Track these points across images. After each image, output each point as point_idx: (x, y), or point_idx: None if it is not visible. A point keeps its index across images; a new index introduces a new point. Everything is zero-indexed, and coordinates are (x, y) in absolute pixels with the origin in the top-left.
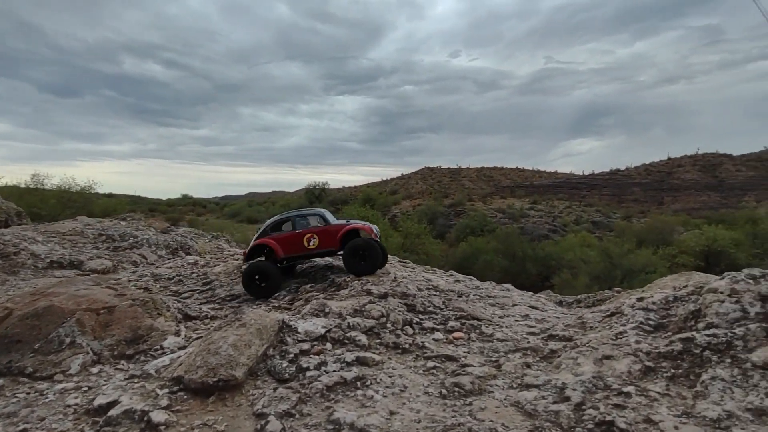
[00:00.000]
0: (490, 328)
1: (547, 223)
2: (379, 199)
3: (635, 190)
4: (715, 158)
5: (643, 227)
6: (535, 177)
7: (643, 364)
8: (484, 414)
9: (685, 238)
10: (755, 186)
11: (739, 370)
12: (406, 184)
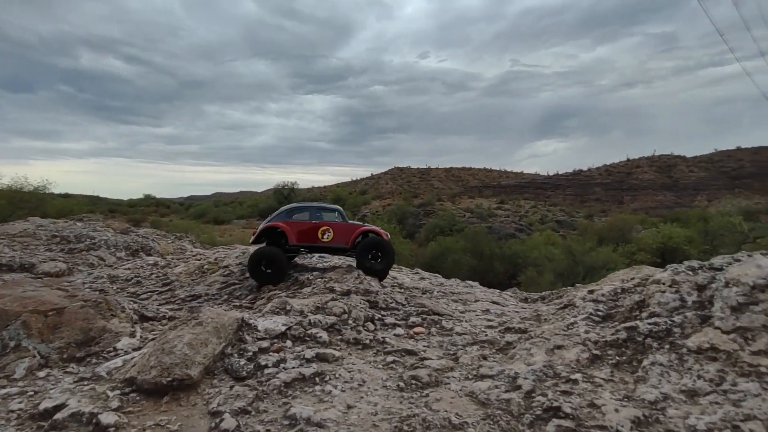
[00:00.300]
0: (450, 323)
1: (513, 223)
2: (349, 199)
3: (597, 190)
4: (670, 160)
5: (604, 226)
6: (502, 177)
7: (591, 352)
8: (440, 405)
9: (643, 236)
10: (706, 186)
11: (676, 355)
12: (376, 184)
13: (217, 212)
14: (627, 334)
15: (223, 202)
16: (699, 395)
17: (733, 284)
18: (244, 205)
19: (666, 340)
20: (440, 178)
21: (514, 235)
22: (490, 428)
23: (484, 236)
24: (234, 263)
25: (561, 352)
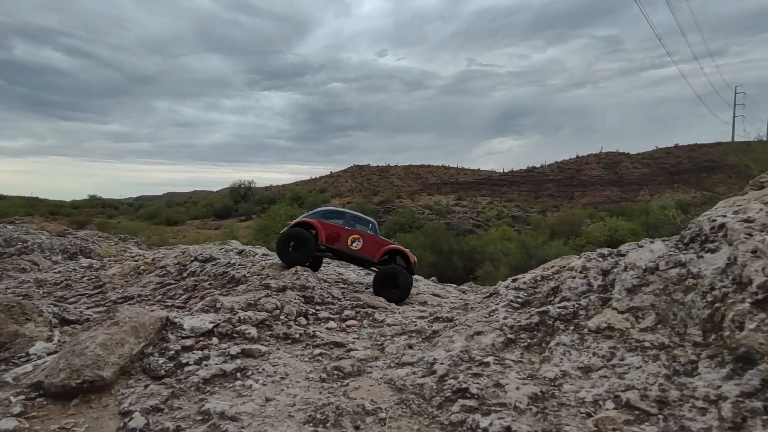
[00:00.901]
0: (383, 315)
1: (471, 219)
2: (309, 198)
3: (549, 186)
4: (615, 156)
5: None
6: (459, 174)
7: (506, 336)
8: (357, 392)
9: (592, 229)
10: (648, 181)
11: (579, 335)
12: (335, 182)
13: (170, 213)
14: (539, 318)
15: (175, 202)
16: (592, 370)
17: (630, 268)
18: (198, 205)
19: (572, 322)
20: (399, 176)
21: (472, 231)
22: (402, 411)
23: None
24: (172, 263)
25: (479, 338)
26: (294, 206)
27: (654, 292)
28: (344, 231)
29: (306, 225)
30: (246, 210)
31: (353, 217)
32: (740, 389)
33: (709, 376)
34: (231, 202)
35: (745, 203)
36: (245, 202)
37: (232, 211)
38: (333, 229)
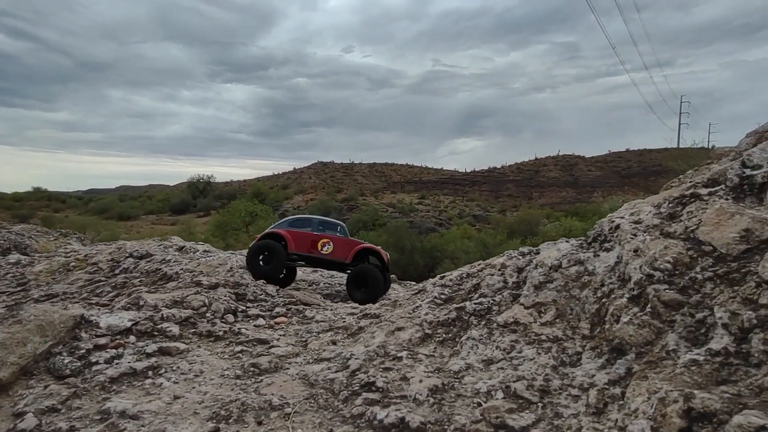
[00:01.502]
0: (314, 312)
1: (433, 217)
2: (270, 194)
3: (509, 187)
4: (572, 159)
5: (515, 220)
6: (423, 173)
7: (424, 332)
8: (269, 389)
9: (548, 228)
10: (602, 183)
11: (488, 329)
12: (298, 178)
13: (123, 207)
14: (456, 314)
15: (129, 196)
16: (493, 363)
17: (539, 266)
18: (153, 199)
19: (485, 317)
20: (364, 174)
21: (434, 230)
22: (310, 406)
23: (405, 231)
24: (105, 260)
25: (399, 333)
26: (255, 203)
27: (556, 289)
28: (313, 237)
29: (274, 236)
30: (205, 205)
31: (321, 222)
32: (608, 377)
33: (588, 366)
34: (189, 197)
35: (641, 206)
36: (204, 198)
37: (190, 207)
38: (302, 236)
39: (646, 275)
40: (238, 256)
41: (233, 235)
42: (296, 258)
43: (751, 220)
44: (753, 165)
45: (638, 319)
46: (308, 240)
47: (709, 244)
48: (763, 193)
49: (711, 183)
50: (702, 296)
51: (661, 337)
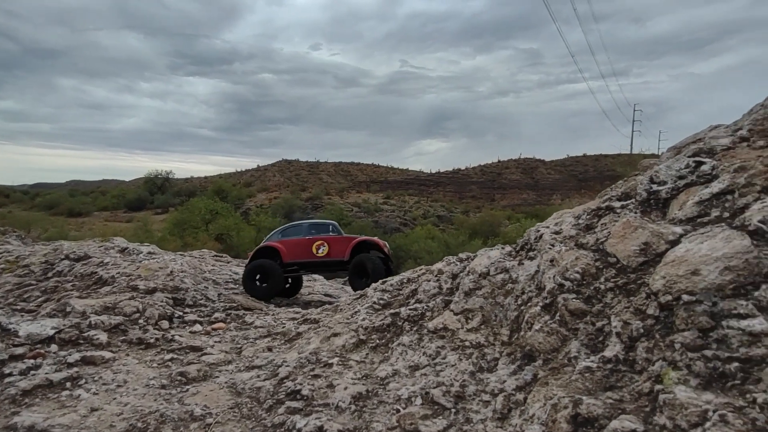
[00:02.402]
0: (254, 317)
1: (398, 217)
2: (233, 192)
3: (473, 188)
4: (532, 162)
5: (477, 221)
6: (389, 173)
7: (358, 337)
8: (193, 398)
9: (509, 229)
10: (560, 186)
11: (419, 335)
12: (262, 176)
13: (73, 203)
14: (391, 320)
15: (80, 191)
16: (419, 369)
17: (471, 272)
18: (107, 195)
19: (417, 323)
20: (329, 172)
21: (399, 229)
22: (233, 416)
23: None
24: (38, 261)
25: (334, 339)
26: (216, 200)
27: (483, 296)
28: (306, 241)
29: (267, 250)
30: (163, 202)
31: (311, 225)
32: (516, 383)
33: (501, 372)
34: (146, 194)
35: (565, 216)
36: (162, 194)
37: (146, 203)
38: (295, 243)
39: (558, 285)
40: (184, 259)
41: (192, 233)
42: (295, 267)
43: (650, 234)
44: (659, 181)
45: (548, 327)
46: (301, 246)
47: (614, 255)
48: (667, 208)
49: (624, 196)
50: (603, 305)
51: (566, 345)
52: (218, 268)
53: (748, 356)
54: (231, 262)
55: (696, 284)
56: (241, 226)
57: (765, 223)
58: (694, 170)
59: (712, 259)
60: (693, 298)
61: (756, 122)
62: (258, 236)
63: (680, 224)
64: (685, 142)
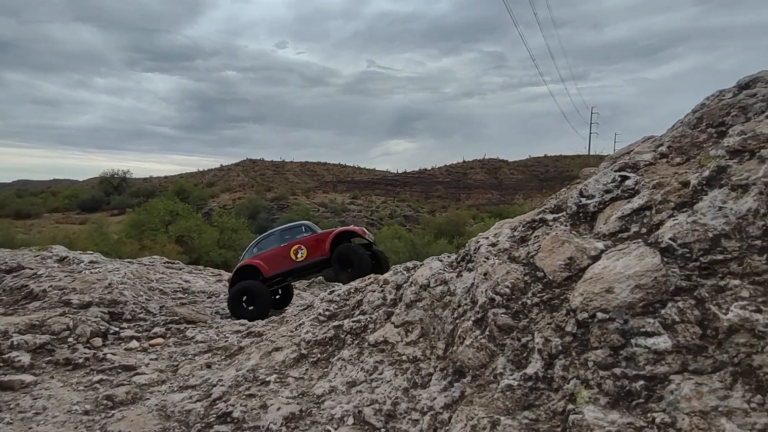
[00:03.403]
0: (196, 331)
1: (365, 217)
2: (195, 192)
3: (439, 188)
4: (496, 163)
5: (443, 221)
6: (355, 173)
7: (300, 352)
8: (118, 424)
9: (474, 229)
10: (523, 186)
11: (359, 349)
12: (225, 176)
13: (21, 204)
14: (334, 332)
15: (29, 191)
16: (356, 385)
17: (413, 283)
18: (59, 196)
19: (360, 336)
20: (295, 172)
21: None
22: None
23: None
24: None
25: (275, 354)
26: (176, 201)
27: (423, 308)
28: (283, 249)
29: (246, 269)
30: (120, 203)
31: (282, 231)
32: (445, 401)
33: (433, 389)
34: (101, 194)
35: (504, 227)
36: (119, 195)
37: (102, 204)
38: (271, 255)
39: (489, 299)
40: (130, 267)
41: (151, 235)
42: (279, 279)
43: (575, 249)
44: (588, 194)
45: (478, 342)
46: (279, 256)
47: (542, 270)
48: (594, 221)
49: (557, 209)
50: (529, 321)
51: (494, 360)
52: (168, 277)
53: (653, 374)
54: (183, 269)
55: (610, 302)
56: (203, 227)
57: (675, 241)
58: (620, 185)
59: (624, 277)
60: (606, 315)
61: (675, 139)
62: (221, 237)
63: (603, 239)
64: (620, 153)
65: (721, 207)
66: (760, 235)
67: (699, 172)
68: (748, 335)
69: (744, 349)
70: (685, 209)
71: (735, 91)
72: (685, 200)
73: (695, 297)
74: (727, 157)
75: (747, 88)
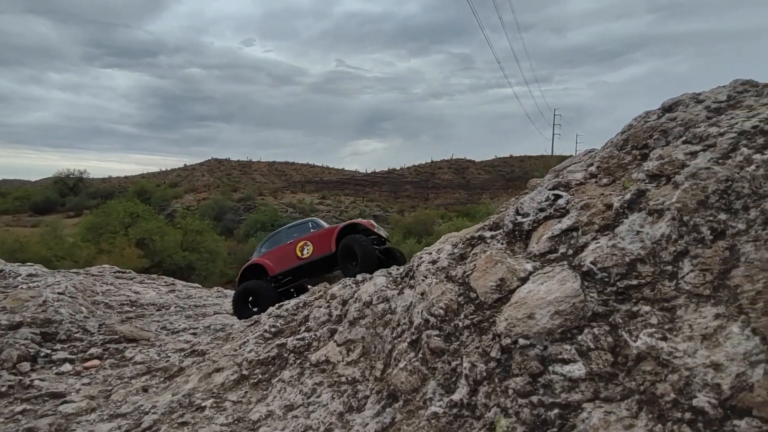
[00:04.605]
0: (137, 351)
1: (334, 217)
2: (157, 192)
3: (408, 188)
4: (464, 163)
5: (412, 220)
6: (324, 173)
7: (241, 372)
8: None
9: (442, 228)
10: (489, 186)
11: (300, 369)
12: (190, 176)
13: None
14: (277, 351)
15: None
16: (293, 409)
17: (358, 300)
18: (9, 197)
19: (302, 355)
20: (263, 172)
21: None
22: None
23: None
24: None
25: (215, 376)
26: (136, 202)
27: (366, 326)
28: (289, 246)
29: (252, 269)
30: (76, 204)
31: (290, 228)
32: (376, 427)
33: (367, 413)
34: (56, 195)
35: (446, 243)
36: (75, 196)
37: (56, 206)
38: (278, 253)
39: (424, 320)
40: (74, 279)
41: (109, 239)
42: (290, 278)
43: (506, 270)
44: (523, 212)
45: (411, 365)
46: (285, 253)
47: (475, 291)
48: (529, 240)
49: (495, 226)
50: (459, 344)
51: (425, 385)
52: (116, 288)
53: (567, 402)
54: (135, 279)
55: (531, 328)
56: (166, 229)
57: (595, 265)
58: (552, 203)
59: (546, 303)
60: (528, 342)
61: (603, 159)
62: (185, 239)
63: (533, 260)
64: (564, 166)
65: (638, 231)
66: (671, 260)
67: (622, 195)
68: (653, 363)
69: (649, 378)
70: (607, 232)
71: (659, 113)
72: (608, 222)
73: (610, 323)
74: (647, 181)
75: (669, 111)
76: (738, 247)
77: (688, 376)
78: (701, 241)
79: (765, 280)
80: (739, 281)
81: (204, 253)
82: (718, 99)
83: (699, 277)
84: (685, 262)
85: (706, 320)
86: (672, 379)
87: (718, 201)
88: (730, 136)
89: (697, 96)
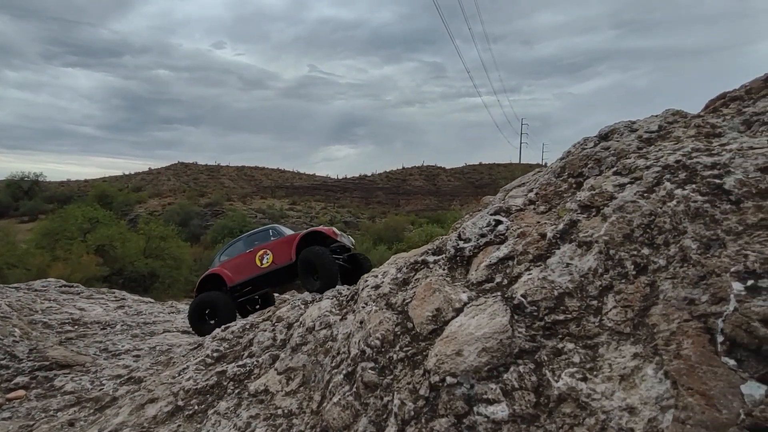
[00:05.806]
0: (68, 379)
1: (305, 223)
2: (119, 197)
3: (379, 194)
4: (434, 170)
5: (382, 226)
6: (295, 178)
7: (176, 403)
8: None
9: (412, 234)
10: (459, 193)
11: (238, 399)
12: (155, 180)
13: None
14: (216, 379)
15: None
16: None
17: (301, 324)
18: None
19: (242, 383)
20: (231, 177)
21: None
22: None
23: None
24: None
25: (148, 407)
26: (95, 206)
27: (308, 352)
28: (248, 255)
29: (210, 279)
30: (31, 208)
31: (249, 236)
32: None
33: None
34: (9, 199)
35: (395, 264)
36: (30, 199)
37: (10, 210)
38: (236, 262)
39: (361, 351)
40: (12, 297)
41: (66, 245)
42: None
43: (443, 299)
44: (465, 238)
45: (345, 400)
46: (244, 262)
47: (412, 321)
48: (470, 266)
49: (438, 251)
50: (392, 378)
51: (357, 422)
52: (59, 305)
53: None
54: (82, 293)
55: (458, 365)
56: (127, 235)
57: (526, 298)
58: (493, 229)
59: (474, 339)
60: (455, 380)
61: (542, 186)
62: (148, 246)
63: (470, 288)
64: (514, 185)
65: (568, 264)
66: (597, 295)
67: (555, 225)
68: (573, 405)
69: (569, 420)
70: (539, 263)
71: (596, 140)
72: (541, 253)
73: (535, 360)
74: (579, 212)
75: (605, 140)
76: (658, 284)
77: (604, 420)
78: (625, 276)
79: (679, 320)
80: (656, 320)
81: (168, 260)
82: (650, 129)
83: (621, 313)
84: (609, 298)
85: (625, 360)
86: (589, 423)
87: (642, 235)
88: (655, 169)
89: (632, 125)
